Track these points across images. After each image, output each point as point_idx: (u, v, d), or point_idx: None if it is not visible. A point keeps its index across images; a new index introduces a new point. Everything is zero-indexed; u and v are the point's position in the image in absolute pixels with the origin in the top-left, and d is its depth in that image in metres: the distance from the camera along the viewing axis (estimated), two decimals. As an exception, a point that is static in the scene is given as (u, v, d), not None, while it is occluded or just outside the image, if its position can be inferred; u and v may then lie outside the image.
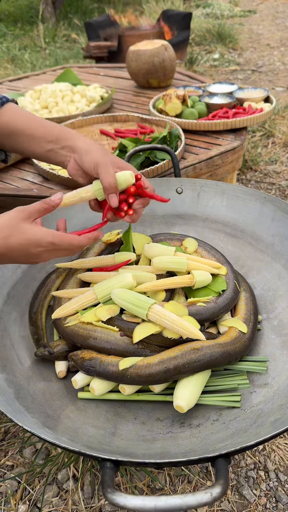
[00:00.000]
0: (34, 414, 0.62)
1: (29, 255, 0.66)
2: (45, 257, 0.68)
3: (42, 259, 0.68)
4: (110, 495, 0.42)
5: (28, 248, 0.65)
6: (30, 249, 0.65)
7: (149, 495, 0.42)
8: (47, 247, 0.66)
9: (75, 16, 5.01)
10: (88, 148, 0.74)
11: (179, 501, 0.41)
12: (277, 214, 0.89)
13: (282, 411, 0.61)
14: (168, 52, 1.77)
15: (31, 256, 0.66)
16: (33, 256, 0.66)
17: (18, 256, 0.66)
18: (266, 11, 5.73)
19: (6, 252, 0.64)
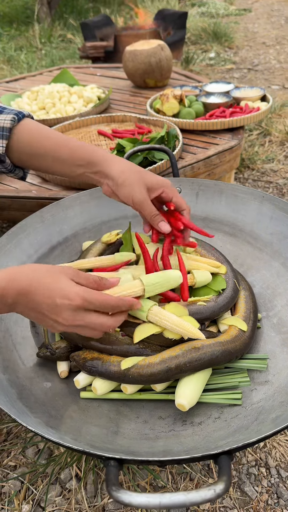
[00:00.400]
0: (37, 414, 0.63)
1: (51, 306, 0.56)
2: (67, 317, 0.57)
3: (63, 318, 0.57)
4: (115, 493, 0.43)
5: (54, 295, 0.56)
6: (56, 297, 0.56)
7: (154, 493, 0.42)
8: (74, 302, 0.56)
9: (70, 16, 5.00)
10: (123, 179, 0.72)
11: (183, 498, 0.42)
12: (275, 213, 0.90)
13: (283, 408, 0.62)
14: (164, 52, 1.78)
15: (53, 307, 0.56)
16: (55, 309, 0.56)
17: (39, 302, 0.56)
18: (261, 10, 5.74)
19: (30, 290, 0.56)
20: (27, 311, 0.58)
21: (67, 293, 0.56)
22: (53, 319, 0.57)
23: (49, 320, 0.58)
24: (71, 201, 0.98)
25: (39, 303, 0.56)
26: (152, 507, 0.41)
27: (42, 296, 0.56)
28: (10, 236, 0.87)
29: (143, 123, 1.48)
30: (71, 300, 0.56)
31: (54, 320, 0.57)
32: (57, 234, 0.95)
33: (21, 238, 0.88)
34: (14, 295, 0.56)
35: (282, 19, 5.07)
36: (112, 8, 5.32)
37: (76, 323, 0.58)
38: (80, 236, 0.97)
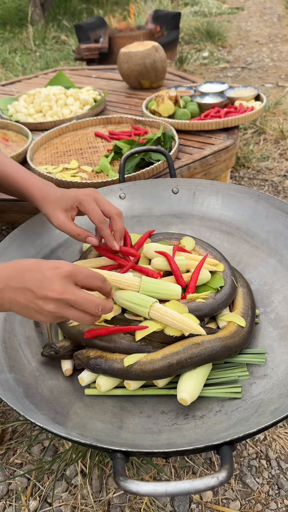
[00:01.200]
0: (43, 411, 0.65)
1: (40, 279, 0.56)
2: (57, 287, 0.56)
3: (52, 290, 0.56)
4: (123, 483, 0.45)
5: (44, 268, 0.58)
6: (45, 270, 0.57)
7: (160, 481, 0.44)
8: (63, 269, 0.58)
9: (64, 17, 5.01)
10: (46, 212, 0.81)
11: (188, 485, 0.44)
12: (271, 211, 0.92)
13: (281, 400, 0.64)
14: (159, 53, 1.80)
15: (43, 280, 0.56)
16: (45, 281, 0.56)
17: (28, 279, 0.57)
18: (253, 8, 5.77)
19: (20, 270, 0.58)
20: (15, 295, 0.57)
21: (56, 263, 0.58)
22: (42, 296, 0.56)
23: (37, 301, 0.57)
24: (70, 203, 1.00)
25: (29, 280, 0.57)
26: (158, 495, 0.44)
27: (32, 272, 0.57)
28: (12, 239, 0.89)
29: (139, 125, 1.50)
30: (60, 268, 0.58)
31: (43, 297, 0.56)
32: (57, 236, 0.96)
33: (22, 240, 0.90)
34: (5, 278, 0.57)
35: (274, 17, 5.10)
36: (106, 9, 5.33)
37: (65, 296, 0.56)
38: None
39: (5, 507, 0.84)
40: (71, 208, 0.78)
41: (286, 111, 2.42)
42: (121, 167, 1.06)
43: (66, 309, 0.58)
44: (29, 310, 0.58)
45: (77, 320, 0.60)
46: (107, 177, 1.20)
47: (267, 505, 0.83)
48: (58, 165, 1.28)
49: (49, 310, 0.57)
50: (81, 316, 0.60)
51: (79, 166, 1.28)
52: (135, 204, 1.05)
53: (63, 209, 0.78)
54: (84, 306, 0.58)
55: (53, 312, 0.57)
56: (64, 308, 0.58)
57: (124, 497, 0.85)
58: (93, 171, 1.25)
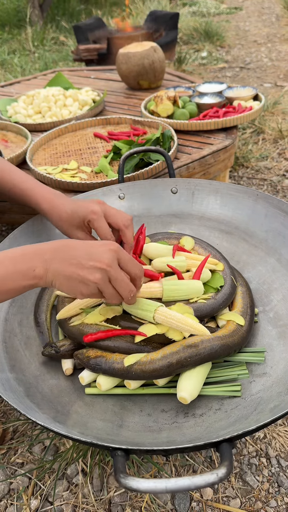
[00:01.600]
0: (44, 410, 0.65)
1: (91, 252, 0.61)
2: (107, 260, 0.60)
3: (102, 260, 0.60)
4: (123, 480, 0.46)
5: (94, 244, 0.63)
6: (94, 244, 0.63)
7: (160, 478, 0.45)
8: (112, 246, 0.62)
9: (62, 18, 5.02)
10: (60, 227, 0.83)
11: (188, 482, 0.44)
12: (269, 211, 0.93)
13: (280, 398, 0.64)
14: (157, 54, 1.80)
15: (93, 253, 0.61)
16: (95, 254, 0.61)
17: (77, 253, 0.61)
18: (252, 8, 5.78)
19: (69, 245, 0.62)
20: (62, 266, 0.60)
21: (104, 241, 0.64)
22: (90, 266, 0.60)
23: (83, 271, 0.60)
24: (70, 203, 1.00)
25: (77, 254, 0.61)
26: (159, 491, 0.44)
27: (80, 247, 0.62)
28: (12, 239, 0.89)
29: (138, 125, 1.50)
30: (109, 245, 0.62)
31: (91, 267, 0.60)
32: (57, 236, 0.97)
33: (23, 241, 0.91)
34: (52, 250, 0.61)
35: (273, 17, 5.10)
36: (104, 10, 5.34)
37: (112, 269, 0.60)
38: (80, 237, 0.99)
39: (6, 506, 0.85)
40: (83, 225, 0.81)
41: (285, 111, 2.42)
42: (120, 168, 1.06)
43: (107, 284, 0.62)
44: (73, 281, 0.61)
45: (109, 298, 0.64)
46: (106, 178, 1.20)
47: (267, 502, 0.84)
48: (57, 166, 1.28)
49: (93, 279, 0.60)
50: (114, 296, 0.64)
51: (78, 167, 1.29)
52: (134, 204, 1.05)
53: (77, 227, 0.81)
54: (122, 286, 0.63)
55: (96, 283, 0.61)
56: (106, 282, 0.61)
57: (125, 495, 0.85)
58: (92, 171, 1.26)
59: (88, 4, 5.69)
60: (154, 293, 0.75)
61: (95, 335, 0.71)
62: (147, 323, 0.73)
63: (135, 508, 0.83)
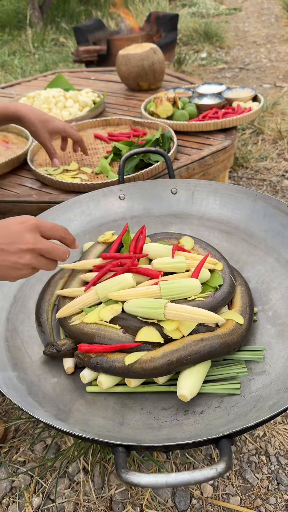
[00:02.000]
0: (46, 408, 0.66)
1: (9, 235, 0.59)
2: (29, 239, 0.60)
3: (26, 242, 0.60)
4: (125, 475, 0.46)
5: (9, 224, 0.60)
6: (11, 225, 0.60)
7: (160, 473, 0.46)
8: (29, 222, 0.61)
9: (62, 19, 5.03)
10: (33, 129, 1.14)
11: (188, 477, 0.45)
12: (268, 210, 0.93)
13: (279, 395, 0.65)
14: (157, 55, 1.81)
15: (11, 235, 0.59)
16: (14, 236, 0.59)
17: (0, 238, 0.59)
18: (251, 8, 5.79)
19: None
20: None
21: (20, 218, 0.62)
22: (16, 250, 0.59)
23: (11, 257, 0.59)
24: (70, 204, 1.02)
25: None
26: (159, 486, 0.45)
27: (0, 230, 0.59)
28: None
29: (138, 126, 1.51)
30: (26, 222, 0.61)
31: (18, 250, 0.59)
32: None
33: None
34: None
35: (272, 18, 5.12)
36: (104, 11, 5.35)
37: (39, 246, 0.60)
38: (80, 237, 1.00)
39: (8, 504, 0.86)
40: (55, 132, 1.17)
41: (284, 111, 2.43)
42: (121, 168, 1.07)
43: (39, 259, 0.62)
44: (2, 268, 0.60)
45: (46, 268, 0.64)
46: (106, 178, 1.21)
47: (267, 499, 0.85)
48: (58, 167, 1.29)
49: (25, 262, 0.60)
50: (49, 264, 0.64)
51: (79, 168, 1.30)
52: (134, 204, 1.06)
53: (48, 131, 1.15)
54: (54, 254, 0.63)
55: (28, 264, 0.61)
56: (37, 257, 0.62)
57: (126, 493, 0.86)
58: (93, 172, 1.27)
59: (88, 6, 5.71)
60: (152, 293, 0.76)
61: (90, 347, 0.72)
62: (148, 326, 0.73)
63: (136, 506, 0.84)
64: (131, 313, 0.75)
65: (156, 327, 0.73)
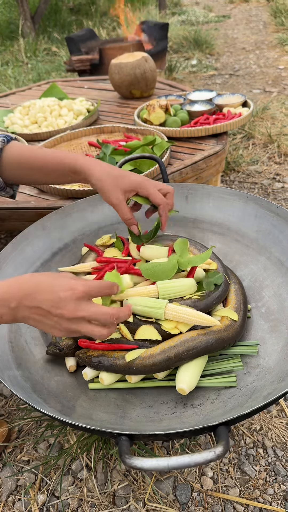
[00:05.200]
0: (51, 404, 0.69)
1: (55, 300, 0.59)
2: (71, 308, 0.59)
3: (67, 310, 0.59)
4: (128, 460, 0.49)
5: (58, 290, 0.59)
6: (59, 291, 0.59)
7: (162, 457, 0.49)
8: (77, 290, 0.60)
9: (54, 29, 5.09)
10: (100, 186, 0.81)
11: (188, 459, 0.48)
12: (259, 212, 0.97)
13: (273, 386, 0.68)
14: (148, 64, 1.86)
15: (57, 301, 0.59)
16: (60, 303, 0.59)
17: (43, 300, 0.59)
18: (240, 15, 5.89)
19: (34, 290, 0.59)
20: (29, 313, 0.59)
21: (70, 285, 0.60)
22: (57, 315, 0.59)
23: (52, 318, 0.59)
24: (69, 209, 1.05)
25: (43, 301, 0.58)
26: (161, 469, 0.48)
27: (45, 293, 0.59)
28: (15, 245, 0.93)
29: (132, 133, 1.55)
30: (74, 289, 0.60)
31: (59, 315, 0.59)
32: (57, 241, 1.01)
33: (24, 246, 0.95)
34: (18, 297, 0.58)
35: (260, 24, 5.21)
36: (95, 20, 5.42)
37: (80, 314, 0.59)
38: (79, 241, 1.03)
39: (14, 502, 0.88)
40: (130, 190, 0.81)
41: (274, 116, 2.49)
42: (116, 174, 1.11)
43: (82, 325, 0.61)
44: (45, 325, 0.61)
45: (92, 334, 0.62)
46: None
47: (265, 490, 0.87)
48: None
49: (65, 327, 0.60)
50: (97, 330, 0.62)
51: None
52: (130, 208, 1.10)
53: (122, 190, 0.80)
54: (99, 319, 0.61)
55: (69, 328, 0.60)
56: (80, 323, 0.61)
57: (129, 488, 0.89)
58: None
59: (79, 15, 5.78)
60: (150, 293, 0.79)
61: (89, 343, 0.75)
62: (147, 325, 0.76)
63: (138, 500, 0.87)
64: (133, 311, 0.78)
65: (154, 325, 0.76)
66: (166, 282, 0.80)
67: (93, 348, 0.76)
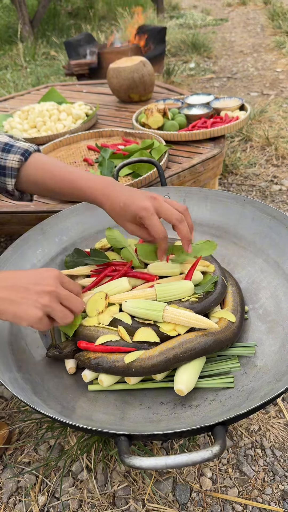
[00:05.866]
0: (51, 405, 0.70)
1: (37, 277, 0.68)
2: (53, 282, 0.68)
3: (48, 284, 0.67)
4: (127, 459, 0.50)
5: (39, 271, 0.70)
6: (40, 271, 0.70)
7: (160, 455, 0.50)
8: (55, 272, 0.70)
9: (52, 33, 5.12)
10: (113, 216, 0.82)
11: (185, 458, 0.49)
12: (256, 214, 0.98)
13: (270, 386, 0.69)
14: (146, 68, 1.88)
15: (39, 278, 0.68)
16: (41, 279, 0.68)
17: (24, 277, 0.68)
18: (237, 18, 5.92)
19: (15, 274, 0.69)
20: (5, 292, 0.65)
21: (46, 268, 0.72)
22: (38, 290, 0.66)
23: (32, 296, 0.65)
24: (68, 213, 1.06)
25: (22, 280, 0.67)
26: (159, 467, 0.49)
27: (24, 274, 0.68)
28: (15, 248, 0.94)
29: (130, 137, 1.56)
30: (51, 270, 0.70)
31: (40, 291, 0.66)
32: (57, 244, 1.02)
33: (24, 249, 0.96)
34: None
35: (258, 27, 5.24)
36: (93, 24, 5.45)
37: (60, 290, 0.68)
38: (78, 245, 1.04)
39: (15, 503, 0.89)
40: (135, 219, 0.80)
41: (271, 119, 2.51)
42: (115, 178, 1.12)
43: (57, 304, 0.67)
44: (19, 305, 0.65)
45: (62, 316, 0.68)
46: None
47: (263, 490, 0.88)
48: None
49: (44, 302, 0.65)
50: (67, 313, 0.69)
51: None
52: (129, 212, 1.11)
53: (130, 221, 0.81)
54: (72, 301, 0.70)
55: (47, 305, 0.66)
56: (55, 302, 0.67)
57: (128, 489, 0.89)
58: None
59: (77, 19, 5.81)
60: (148, 295, 0.80)
61: (88, 344, 0.76)
62: (145, 327, 0.77)
63: (138, 500, 0.88)
64: (129, 313, 0.79)
65: (152, 327, 0.77)
66: (164, 285, 0.81)
67: (92, 350, 0.77)
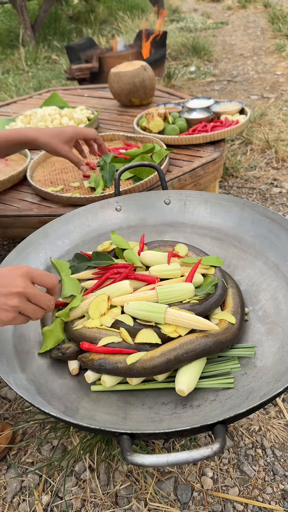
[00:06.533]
0: (55, 406, 0.71)
1: (2, 279, 0.66)
2: (20, 283, 0.66)
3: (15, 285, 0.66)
4: (130, 457, 0.52)
5: (2, 270, 0.68)
6: (4, 271, 0.67)
7: (162, 453, 0.51)
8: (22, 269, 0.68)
9: (54, 37, 5.15)
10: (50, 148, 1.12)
11: (186, 455, 0.50)
12: (255, 217, 1.00)
13: (269, 386, 0.71)
14: (147, 72, 1.90)
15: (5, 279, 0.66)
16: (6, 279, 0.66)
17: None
18: (237, 22, 5.95)
19: None
20: None
21: (14, 266, 0.69)
22: (6, 292, 0.65)
23: (3, 298, 0.65)
24: (70, 216, 1.08)
25: None
26: (161, 465, 0.50)
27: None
28: (18, 251, 0.96)
29: (131, 141, 1.58)
30: (18, 268, 0.68)
31: (8, 293, 0.65)
32: (59, 247, 1.04)
33: (28, 252, 0.97)
34: None
35: (258, 30, 5.27)
36: (94, 28, 5.48)
37: (28, 290, 0.67)
38: (80, 248, 1.06)
39: (19, 503, 0.90)
40: (71, 139, 1.14)
41: (271, 122, 2.52)
42: (116, 182, 1.14)
43: (27, 304, 0.68)
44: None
45: (33, 314, 0.69)
46: (103, 192, 1.28)
47: (264, 490, 0.90)
48: (57, 186, 1.35)
49: (13, 304, 0.66)
50: (37, 310, 0.70)
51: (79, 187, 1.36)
52: (130, 215, 1.13)
53: (65, 142, 1.13)
54: (41, 300, 0.69)
55: (16, 306, 0.66)
56: (25, 302, 0.67)
57: (131, 488, 0.91)
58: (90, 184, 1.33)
59: (78, 24, 5.85)
60: (149, 297, 0.82)
61: (90, 345, 0.78)
62: (147, 329, 0.79)
63: (140, 500, 0.89)
64: (131, 315, 0.80)
65: (153, 329, 0.79)
66: (166, 287, 0.82)
67: (94, 351, 0.78)
